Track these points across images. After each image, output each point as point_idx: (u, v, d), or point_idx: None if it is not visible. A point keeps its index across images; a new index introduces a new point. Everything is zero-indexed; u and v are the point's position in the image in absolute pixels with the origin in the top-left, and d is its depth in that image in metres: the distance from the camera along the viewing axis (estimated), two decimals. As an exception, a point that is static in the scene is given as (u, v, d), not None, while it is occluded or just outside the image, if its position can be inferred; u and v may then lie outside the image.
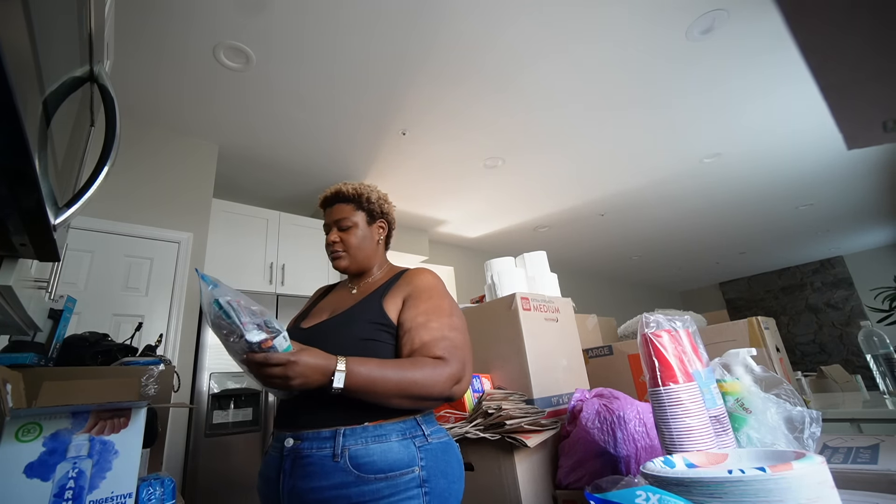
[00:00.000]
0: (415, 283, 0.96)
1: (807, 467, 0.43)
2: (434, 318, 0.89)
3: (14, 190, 0.45)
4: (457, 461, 0.86)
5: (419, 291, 0.94)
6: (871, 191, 4.76)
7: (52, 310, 1.20)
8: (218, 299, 0.68)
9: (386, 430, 0.80)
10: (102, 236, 2.34)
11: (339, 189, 1.05)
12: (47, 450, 0.72)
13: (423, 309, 0.90)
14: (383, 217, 1.09)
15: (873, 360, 1.88)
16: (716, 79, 2.66)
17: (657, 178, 3.94)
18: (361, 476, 0.76)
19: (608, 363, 1.63)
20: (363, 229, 1.05)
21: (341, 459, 0.77)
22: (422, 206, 4.11)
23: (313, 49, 2.18)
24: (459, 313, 0.95)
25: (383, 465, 0.77)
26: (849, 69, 0.29)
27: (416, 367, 0.80)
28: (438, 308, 0.91)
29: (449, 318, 0.91)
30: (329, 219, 1.05)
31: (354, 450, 0.78)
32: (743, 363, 0.81)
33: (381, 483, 0.76)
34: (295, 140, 2.92)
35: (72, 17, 0.51)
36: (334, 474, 0.76)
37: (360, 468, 0.76)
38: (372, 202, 1.06)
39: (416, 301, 0.92)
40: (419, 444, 0.81)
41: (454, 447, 0.88)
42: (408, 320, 0.89)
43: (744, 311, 8.58)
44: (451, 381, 0.82)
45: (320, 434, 0.80)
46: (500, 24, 2.12)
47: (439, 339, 0.86)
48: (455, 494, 0.83)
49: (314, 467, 0.78)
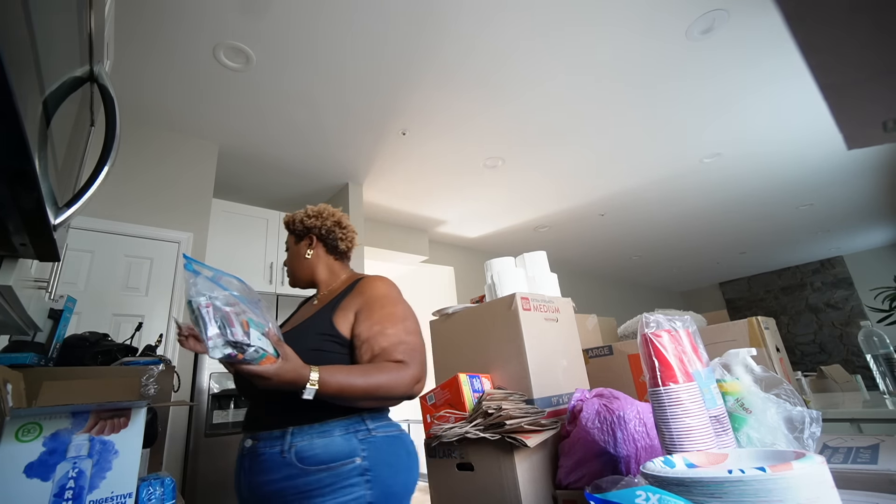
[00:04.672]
0: (367, 293, 1.02)
1: (807, 467, 0.43)
2: (389, 325, 0.96)
3: (14, 190, 0.45)
4: (405, 453, 0.95)
5: (372, 301, 1.00)
6: (871, 191, 4.76)
7: (52, 310, 1.20)
8: (191, 301, 0.67)
9: (329, 427, 0.89)
10: (102, 236, 2.34)
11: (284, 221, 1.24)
12: (47, 450, 0.72)
13: (377, 318, 0.97)
14: (307, 232, 1.19)
15: (873, 360, 1.88)
16: (716, 79, 2.66)
17: (657, 177, 3.94)
18: (305, 468, 0.85)
19: (608, 363, 1.63)
20: (292, 249, 1.20)
21: (288, 455, 0.87)
22: (422, 206, 4.11)
23: (313, 49, 2.18)
24: (413, 317, 1.03)
25: (325, 457, 0.86)
26: (849, 69, 0.29)
27: (381, 372, 0.88)
28: (392, 315, 0.98)
29: (403, 323, 0.98)
30: None
31: (300, 446, 0.87)
32: (743, 363, 0.81)
33: (323, 473, 0.85)
34: (295, 140, 2.92)
35: (72, 17, 0.51)
36: (282, 468, 0.86)
37: (304, 461, 0.86)
38: (296, 223, 1.20)
39: (370, 311, 0.98)
40: (361, 438, 0.89)
41: (402, 440, 0.96)
42: (364, 330, 0.96)
43: (744, 311, 8.58)
44: (412, 382, 0.90)
45: (272, 434, 0.90)
46: (499, 25, 2.12)
47: (397, 343, 0.93)
48: (402, 483, 0.91)
49: (266, 463, 0.88)
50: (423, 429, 1.12)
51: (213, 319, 0.66)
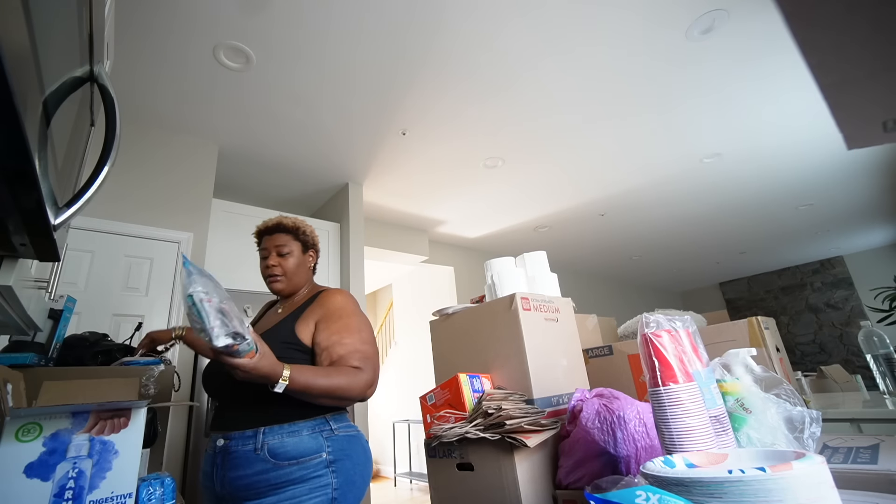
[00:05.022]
0: (326, 305, 1.12)
1: (807, 467, 0.43)
2: (346, 335, 1.06)
3: (14, 190, 0.45)
4: (361, 448, 1.08)
5: (330, 313, 1.10)
6: (871, 191, 4.76)
7: (52, 310, 1.20)
8: (192, 294, 0.71)
9: (298, 427, 0.99)
10: (102, 236, 2.34)
11: (280, 221, 1.22)
12: (47, 450, 0.72)
13: (335, 328, 1.07)
14: (314, 247, 1.27)
15: (873, 360, 1.88)
16: (716, 79, 2.66)
17: (657, 178, 3.94)
18: (277, 463, 0.95)
19: (608, 363, 1.63)
20: (298, 257, 1.21)
21: (261, 452, 0.95)
22: (422, 207, 4.11)
23: (314, 49, 2.18)
24: (368, 328, 1.13)
25: (295, 453, 0.96)
26: (849, 68, 0.29)
27: (341, 375, 0.99)
28: (348, 326, 1.09)
29: (359, 332, 1.09)
30: (269, 244, 1.20)
31: (272, 444, 0.96)
32: (743, 363, 0.81)
33: (294, 467, 0.95)
34: (295, 140, 2.92)
35: (72, 17, 0.51)
36: (256, 463, 0.95)
37: (276, 457, 0.95)
38: (306, 234, 1.25)
39: (328, 322, 1.08)
40: (326, 436, 1.01)
41: (360, 438, 1.09)
42: (324, 339, 1.06)
43: (744, 311, 8.58)
44: (366, 386, 1.02)
45: (244, 434, 0.98)
46: (499, 26, 2.12)
47: (353, 352, 1.04)
48: (360, 474, 1.04)
49: (240, 460, 0.96)
50: (423, 429, 1.12)
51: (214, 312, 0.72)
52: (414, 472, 4.98)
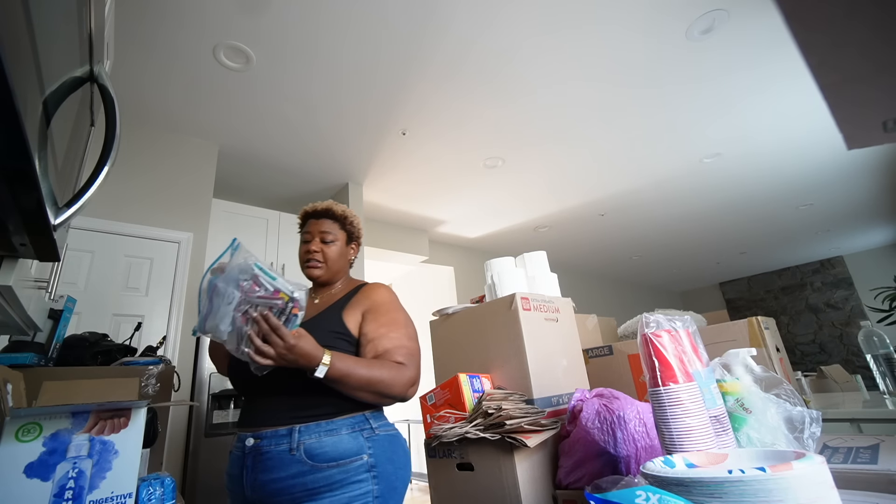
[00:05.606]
0: (373, 298, 1.08)
1: (807, 467, 0.43)
2: (393, 330, 1.02)
3: (14, 190, 0.45)
4: (402, 450, 1.00)
5: (377, 306, 1.06)
6: (871, 191, 4.76)
7: (52, 310, 1.20)
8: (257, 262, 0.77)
9: (336, 426, 0.92)
10: (102, 236, 2.34)
11: (330, 206, 1.19)
12: (47, 450, 0.72)
13: (382, 321, 1.03)
14: (357, 241, 1.24)
15: (873, 360, 1.88)
16: (716, 79, 2.66)
17: (657, 178, 3.94)
18: (315, 465, 0.87)
19: (608, 363, 1.63)
20: (341, 247, 1.17)
21: (297, 452, 0.88)
22: (422, 206, 4.11)
23: (314, 49, 2.18)
24: (412, 325, 1.09)
25: (334, 454, 0.88)
26: (849, 68, 0.29)
27: (383, 368, 0.93)
28: (395, 321, 1.04)
29: (405, 328, 1.05)
30: (314, 228, 1.16)
31: (309, 443, 0.88)
32: (743, 363, 0.81)
33: (333, 470, 0.87)
34: (295, 140, 2.92)
35: (72, 17, 0.51)
36: (291, 465, 0.87)
37: (314, 458, 0.87)
38: (353, 225, 1.21)
39: (375, 314, 1.04)
40: (367, 436, 0.94)
41: (400, 438, 1.02)
42: (370, 331, 1.01)
43: (744, 311, 8.58)
44: (409, 384, 0.96)
45: (278, 432, 0.90)
46: (499, 26, 2.12)
47: (398, 346, 0.99)
48: (402, 478, 0.96)
49: (273, 461, 0.88)
50: (423, 429, 1.12)
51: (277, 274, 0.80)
52: (414, 472, 4.98)
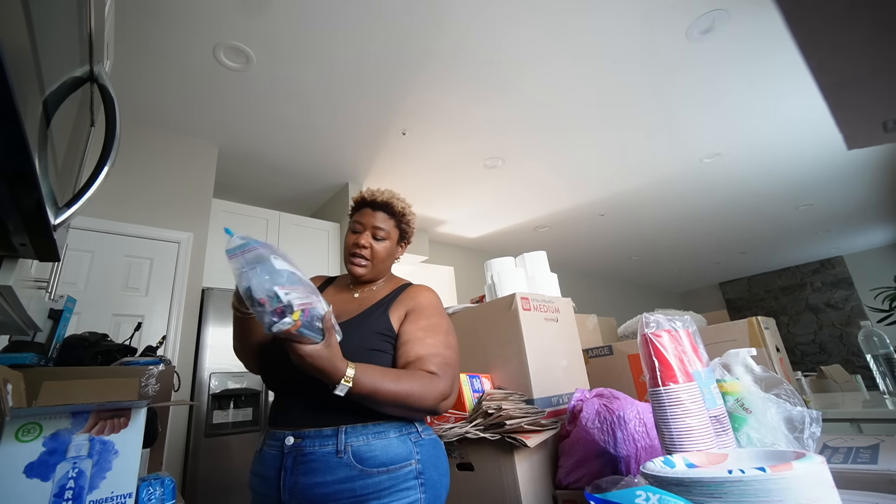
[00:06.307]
0: (418, 299, 1.01)
1: (807, 467, 0.43)
2: (431, 335, 0.94)
3: (14, 190, 0.45)
4: (444, 455, 0.94)
5: (421, 308, 0.99)
6: (871, 191, 4.76)
7: (52, 310, 1.20)
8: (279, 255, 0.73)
9: (384, 428, 0.86)
10: (102, 236, 2.34)
11: (390, 200, 1.07)
12: (47, 450, 0.72)
13: (422, 325, 0.95)
14: (407, 241, 1.15)
15: (873, 360, 1.88)
16: (716, 79, 2.66)
17: (657, 178, 3.94)
18: (365, 470, 0.81)
19: (608, 363, 1.63)
20: (392, 245, 1.09)
21: (345, 455, 0.81)
22: (422, 206, 4.10)
23: (314, 49, 2.18)
24: (454, 334, 1.01)
25: (385, 459, 0.82)
26: (849, 68, 0.29)
27: (413, 380, 0.84)
28: (437, 326, 0.96)
29: (445, 336, 0.96)
30: (367, 221, 1.05)
31: (357, 446, 0.82)
32: (743, 363, 0.81)
33: (383, 476, 0.81)
34: (295, 140, 2.92)
35: (72, 17, 0.51)
36: (338, 469, 0.81)
37: (364, 462, 0.81)
38: (409, 225, 1.12)
39: (417, 316, 0.97)
40: (414, 440, 0.88)
41: (441, 442, 0.96)
42: (407, 332, 0.94)
43: (744, 311, 8.58)
44: (440, 397, 0.87)
45: (322, 432, 0.84)
46: (499, 27, 2.12)
47: (434, 354, 0.91)
48: (445, 485, 0.90)
49: (318, 463, 0.81)
50: (423, 429, 1.12)
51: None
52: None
